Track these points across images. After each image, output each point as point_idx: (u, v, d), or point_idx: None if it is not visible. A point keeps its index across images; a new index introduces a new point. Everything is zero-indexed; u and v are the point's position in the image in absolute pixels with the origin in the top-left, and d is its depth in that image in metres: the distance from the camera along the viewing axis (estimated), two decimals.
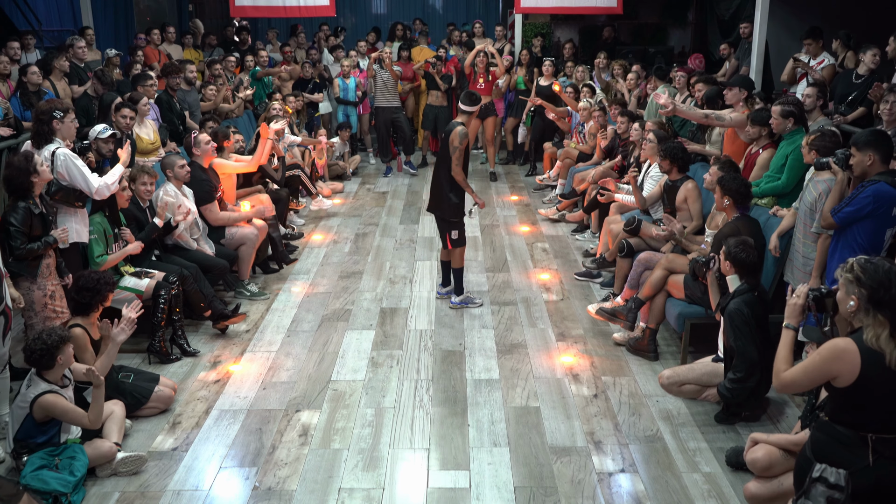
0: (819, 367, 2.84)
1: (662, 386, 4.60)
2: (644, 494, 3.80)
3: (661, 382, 4.61)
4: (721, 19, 11.66)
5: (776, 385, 3.02)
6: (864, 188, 4.04)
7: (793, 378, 2.93)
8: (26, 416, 3.79)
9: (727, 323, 4.16)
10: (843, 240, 4.19)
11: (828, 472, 2.84)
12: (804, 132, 5.39)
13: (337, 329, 5.69)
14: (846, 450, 2.85)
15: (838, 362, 2.79)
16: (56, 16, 11.85)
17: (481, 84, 9.65)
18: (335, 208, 8.87)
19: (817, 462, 2.88)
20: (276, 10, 10.43)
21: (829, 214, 4.17)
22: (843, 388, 2.80)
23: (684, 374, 4.55)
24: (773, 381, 3.04)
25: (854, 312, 2.83)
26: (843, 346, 2.79)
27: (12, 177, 4.44)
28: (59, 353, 3.77)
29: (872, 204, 4.01)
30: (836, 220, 4.14)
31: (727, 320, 4.16)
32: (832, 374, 2.81)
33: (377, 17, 15.41)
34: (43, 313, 4.50)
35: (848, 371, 2.77)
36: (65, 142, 4.92)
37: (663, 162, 5.80)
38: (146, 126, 6.85)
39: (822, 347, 2.85)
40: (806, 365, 2.90)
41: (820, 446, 2.93)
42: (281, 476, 3.96)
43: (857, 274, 2.81)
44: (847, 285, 2.85)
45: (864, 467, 2.81)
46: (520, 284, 6.51)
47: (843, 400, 2.85)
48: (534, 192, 9.48)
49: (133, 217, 5.47)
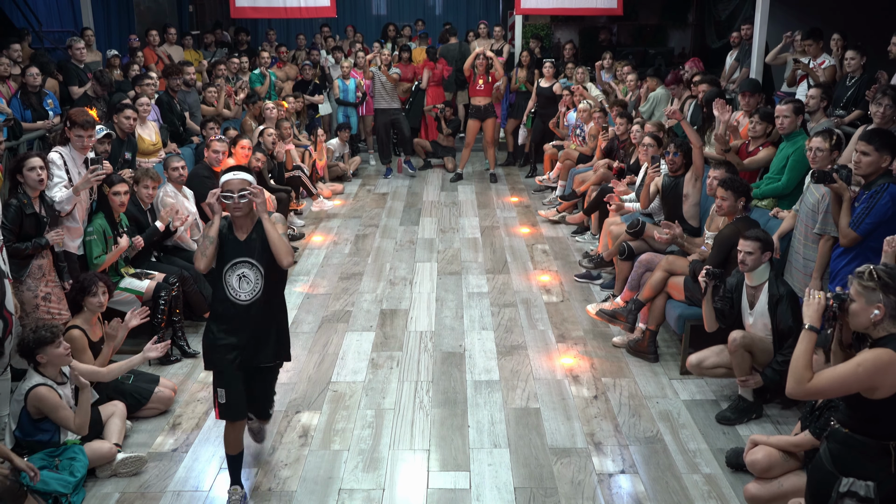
0: (860, 377, 2.66)
1: (690, 368, 4.62)
2: (644, 495, 3.80)
3: (688, 366, 4.63)
4: (717, 20, 11.66)
5: (796, 392, 2.81)
6: (878, 195, 3.98)
7: (821, 387, 2.75)
8: (22, 410, 3.80)
9: (783, 305, 4.17)
10: (859, 246, 4.10)
11: (857, 485, 2.73)
12: (805, 134, 5.40)
13: (337, 330, 5.69)
14: (868, 460, 2.76)
15: (884, 375, 2.64)
16: (56, 16, 11.87)
17: (481, 86, 9.64)
18: (335, 209, 8.87)
19: (843, 476, 2.78)
20: (277, 11, 10.45)
21: (850, 230, 4.05)
22: (876, 400, 2.68)
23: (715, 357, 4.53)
24: (789, 388, 2.83)
25: (878, 321, 2.71)
26: (888, 358, 2.63)
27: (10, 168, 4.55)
28: (50, 344, 3.76)
29: (894, 208, 3.97)
30: (859, 234, 4.04)
31: (783, 302, 4.18)
32: (873, 385, 2.67)
33: (377, 18, 15.42)
34: (35, 314, 4.48)
35: (890, 384, 2.65)
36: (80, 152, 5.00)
37: (676, 159, 5.75)
38: (147, 127, 6.87)
39: (863, 358, 2.68)
40: (840, 374, 2.72)
41: (843, 460, 2.82)
42: (281, 477, 3.96)
43: (886, 281, 2.68)
44: (868, 294, 2.72)
45: (886, 477, 2.74)
46: (520, 286, 6.51)
47: (873, 411, 2.72)
48: (534, 193, 9.49)
49: (134, 219, 5.47)
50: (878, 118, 4.97)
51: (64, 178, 4.83)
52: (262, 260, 3.54)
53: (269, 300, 3.63)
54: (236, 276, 3.54)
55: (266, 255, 3.53)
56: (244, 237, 3.56)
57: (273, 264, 3.54)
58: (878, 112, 4.96)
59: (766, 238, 4.30)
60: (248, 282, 3.54)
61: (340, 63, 10.55)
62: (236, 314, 3.57)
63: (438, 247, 7.52)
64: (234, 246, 3.56)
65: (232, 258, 3.55)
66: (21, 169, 4.47)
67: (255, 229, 3.56)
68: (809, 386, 2.77)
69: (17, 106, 6.85)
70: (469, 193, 9.52)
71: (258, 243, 3.54)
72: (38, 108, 6.92)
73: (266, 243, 3.51)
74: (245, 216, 3.54)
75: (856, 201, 4.11)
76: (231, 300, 3.56)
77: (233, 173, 3.54)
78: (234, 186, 3.48)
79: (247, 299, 3.55)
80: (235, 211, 3.49)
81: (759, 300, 4.30)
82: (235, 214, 3.51)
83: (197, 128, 7.97)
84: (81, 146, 4.98)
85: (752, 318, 4.35)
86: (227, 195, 3.46)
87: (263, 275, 3.55)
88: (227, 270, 3.54)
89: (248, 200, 3.49)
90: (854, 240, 4.08)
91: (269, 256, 3.52)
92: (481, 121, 9.80)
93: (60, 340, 3.82)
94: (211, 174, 6.25)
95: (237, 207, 3.47)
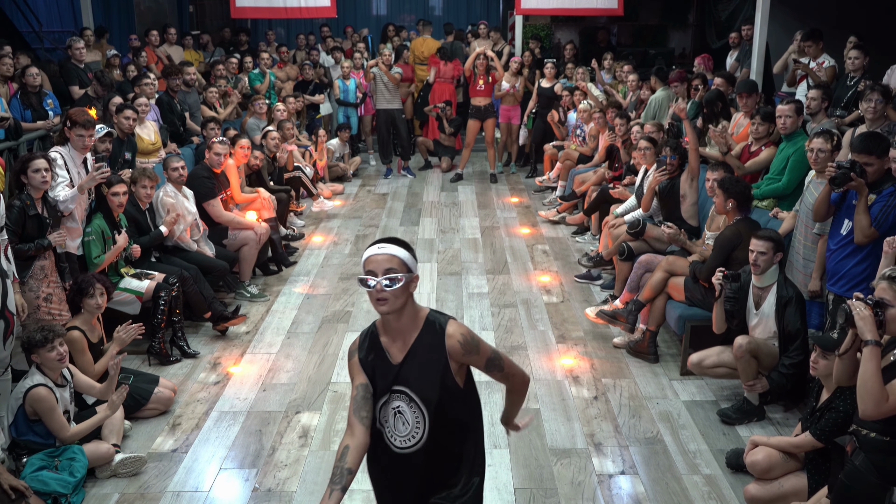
0: None
1: (691, 367, 4.62)
2: (644, 496, 3.79)
3: (689, 365, 4.63)
4: (718, 20, 11.66)
5: (876, 413, 2.70)
6: (894, 196, 3.96)
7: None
8: (19, 409, 3.79)
9: (792, 308, 4.17)
10: (872, 245, 4.06)
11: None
12: (805, 134, 5.40)
13: (337, 331, 5.68)
14: None
15: None
16: (56, 17, 11.87)
17: (481, 86, 9.65)
18: (335, 210, 8.87)
19: (894, 486, 2.73)
20: (277, 12, 10.45)
21: (872, 229, 3.97)
22: None
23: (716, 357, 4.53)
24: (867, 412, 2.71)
25: None
26: None
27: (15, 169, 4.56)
28: (41, 347, 3.75)
29: None
30: (880, 232, 3.98)
31: (791, 304, 4.17)
32: None
33: (377, 18, 15.42)
34: (36, 315, 4.49)
35: None
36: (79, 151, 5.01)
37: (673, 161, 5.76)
38: (147, 127, 6.87)
39: None
40: None
41: (888, 469, 2.77)
42: (281, 477, 3.96)
43: None
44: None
45: None
46: (520, 286, 6.51)
47: None
48: (534, 193, 9.48)
49: (132, 219, 5.46)
50: (870, 114, 4.98)
51: (66, 177, 4.84)
52: (423, 391, 2.36)
53: (446, 446, 2.45)
54: (391, 410, 2.42)
55: (429, 381, 2.35)
56: (399, 353, 2.39)
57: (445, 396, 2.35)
58: (870, 108, 4.97)
59: (779, 238, 4.29)
60: (406, 423, 2.40)
61: (340, 63, 10.55)
62: (391, 463, 2.49)
63: (438, 247, 7.52)
64: (385, 370, 2.41)
65: (383, 390, 2.42)
66: (25, 170, 4.47)
67: (419, 339, 2.37)
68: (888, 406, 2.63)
69: (17, 106, 6.84)
70: (469, 194, 9.52)
71: (418, 363, 2.36)
72: (38, 108, 6.91)
73: (430, 362, 2.34)
74: (397, 315, 2.34)
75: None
76: (386, 442, 2.46)
77: (378, 246, 2.32)
78: (377, 265, 2.29)
79: (403, 446, 2.43)
80: (379, 305, 2.30)
81: (766, 301, 4.29)
82: (380, 310, 2.31)
83: (197, 128, 7.97)
84: (82, 146, 4.98)
85: (756, 318, 4.34)
86: (366, 277, 2.29)
87: (426, 414, 2.37)
88: (381, 403, 2.43)
89: (401, 287, 2.29)
90: (872, 237, 4.02)
91: (432, 382, 2.35)
92: (481, 121, 9.80)
93: (54, 345, 3.77)
94: (211, 175, 6.24)
95: (381, 299, 2.28)
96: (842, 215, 4.20)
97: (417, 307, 2.39)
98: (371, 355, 2.42)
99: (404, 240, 2.40)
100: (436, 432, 2.38)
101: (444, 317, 2.40)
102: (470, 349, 2.36)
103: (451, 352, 2.34)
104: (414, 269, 2.34)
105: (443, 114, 10.19)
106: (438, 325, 2.36)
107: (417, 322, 2.38)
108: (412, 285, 2.34)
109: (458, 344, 2.34)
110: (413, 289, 2.35)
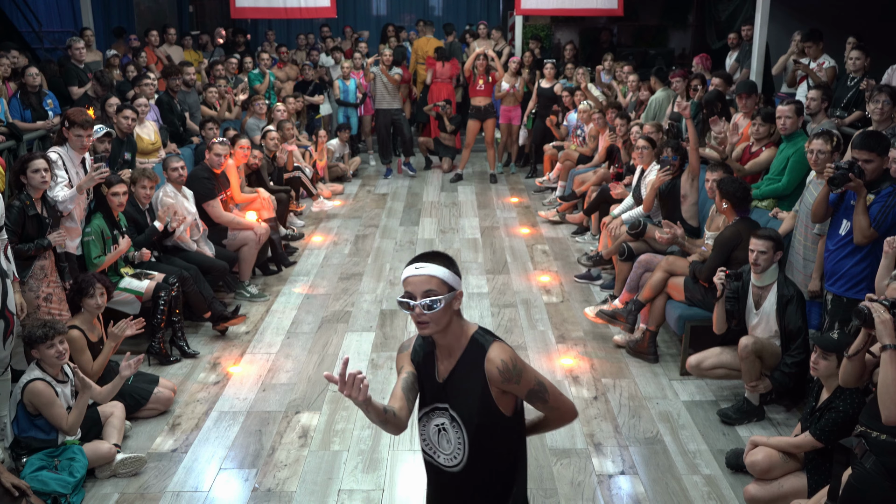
0: None
1: (689, 370, 4.62)
2: (644, 496, 3.79)
3: (687, 367, 4.63)
4: (718, 21, 11.66)
5: (895, 418, 2.71)
6: (894, 194, 3.95)
7: None
8: (18, 404, 3.79)
9: (793, 306, 4.16)
10: (871, 246, 4.05)
11: None
12: (805, 134, 5.40)
13: (337, 331, 5.68)
14: None
15: None
16: (56, 17, 11.88)
17: (481, 86, 9.65)
18: (335, 210, 8.87)
19: None
20: (277, 12, 10.46)
21: (872, 230, 3.96)
22: None
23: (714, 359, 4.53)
24: (886, 416, 2.71)
25: None
26: None
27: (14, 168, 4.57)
28: (41, 343, 3.75)
29: None
30: (880, 232, 3.97)
31: (793, 303, 4.16)
32: None
33: (377, 18, 15.42)
34: (36, 315, 4.48)
35: None
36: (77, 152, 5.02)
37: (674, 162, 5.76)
38: (146, 127, 6.88)
39: None
40: None
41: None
42: (280, 477, 3.96)
43: None
44: None
45: None
46: (520, 286, 6.51)
47: None
48: (534, 193, 9.48)
49: (132, 219, 5.47)
50: (877, 115, 4.98)
51: (65, 177, 4.84)
52: (463, 412, 2.26)
53: (487, 471, 2.32)
54: (434, 426, 2.34)
55: (470, 404, 2.24)
56: (444, 370, 2.29)
57: (487, 420, 2.24)
58: (877, 109, 4.96)
59: (778, 237, 4.29)
60: (449, 442, 2.31)
61: (340, 63, 10.56)
62: (436, 478, 2.41)
63: (438, 247, 7.52)
64: (430, 384, 2.33)
65: (425, 403, 2.35)
66: (25, 170, 4.47)
67: (462, 359, 2.25)
68: None
69: (17, 106, 6.84)
70: (469, 194, 9.52)
71: (460, 383, 2.25)
72: (37, 108, 6.92)
73: (471, 384, 2.22)
74: (442, 333, 2.23)
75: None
76: (429, 458, 2.40)
77: (415, 266, 2.21)
78: (415, 287, 2.19)
79: (447, 465, 2.33)
80: (421, 328, 2.21)
81: (766, 300, 4.29)
82: (422, 333, 2.24)
83: (197, 128, 7.98)
84: (80, 146, 4.98)
85: (756, 318, 4.34)
86: (405, 300, 2.20)
87: (466, 435, 2.27)
88: (423, 416, 2.37)
89: (442, 310, 2.18)
90: (872, 237, 4.01)
91: (473, 405, 2.24)
92: (481, 121, 9.80)
93: (54, 343, 3.77)
94: (211, 175, 6.24)
95: (422, 322, 2.19)
96: (840, 216, 4.20)
97: (464, 325, 2.27)
98: (423, 362, 2.34)
99: (445, 253, 2.25)
100: (476, 455, 2.27)
101: (490, 338, 2.25)
102: (509, 377, 2.20)
103: (490, 377, 2.20)
104: (457, 286, 2.21)
105: (443, 112, 10.18)
106: (481, 348, 2.23)
107: (462, 340, 2.26)
108: (455, 303, 2.22)
109: (497, 370, 2.19)
110: (457, 306, 2.23)
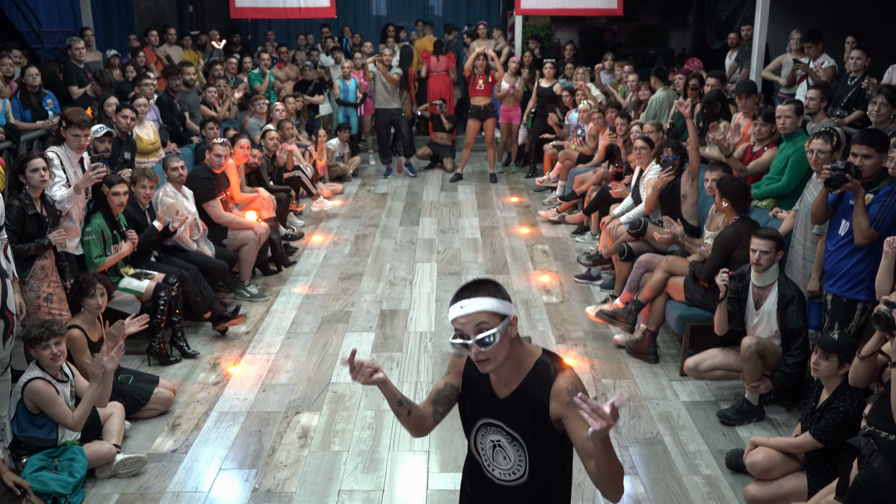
0: None
1: (687, 372, 4.62)
2: (644, 497, 3.79)
3: (686, 369, 4.63)
4: (718, 20, 11.66)
5: None
6: (892, 194, 3.94)
7: None
8: (18, 404, 3.79)
9: (794, 306, 4.16)
10: (870, 246, 4.04)
11: None
12: (805, 134, 5.40)
13: (337, 331, 5.68)
14: None
15: None
16: (56, 17, 11.87)
17: (481, 85, 9.65)
18: (335, 209, 8.87)
19: None
20: (277, 12, 10.46)
21: (872, 230, 3.94)
22: None
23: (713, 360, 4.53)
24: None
25: None
26: None
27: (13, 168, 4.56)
28: (37, 344, 3.74)
29: None
30: (880, 232, 3.95)
31: (794, 303, 4.16)
32: None
33: (377, 18, 15.41)
34: (36, 314, 4.48)
35: None
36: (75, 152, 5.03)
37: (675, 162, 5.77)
38: (146, 127, 6.87)
39: None
40: None
41: None
42: (280, 478, 3.96)
43: None
44: None
45: None
46: (520, 286, 6.51)
47: None
48: (534, 193, 9.48)
49: (132, 219, 5.46)
50: (875, 116, 5.00)
51: (62, 177, 4.84)
52: (524, 431, 2.22)
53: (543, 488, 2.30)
54: (490, 442, 2.30)
55: (530, 423, 2.19)
56: (504, 389, 2.23)
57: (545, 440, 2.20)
58: (874, 111, 4.99)
59: (780, 237, 4.29)
60: (507, 458, 2.28)
61: (341, 63, 10.56)
62: (491, 490, 2.36)
63: (438, 247, 7.52)
64: (484, 397, 2.28)
65: (478, 416, 2.31)
66: (24, 170, 4.48)
67: (527, 380, 2.19)
68: None
69: (17, 106, 6.85)
70: (469, 193, 9.52)
71: (521, 403, 2.20)
72: (37, 108, 6.92)
73: (534, 405, 2.16)
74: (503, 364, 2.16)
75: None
76: (482, 470, 2.36)
77: (459, 305, 2.11)
78: (465, 327, 2.10)
79: (505, 479, 2.31)
80: (483, 366, 2.14)
81: (767, 300, 4.29)
82: (485, 370, 2.16)
83: (197, 128, 7.97)
84: (78, 145, 4.98)
85: (756, 318, 4.34)
86: (458, 342, 2.13)
87: (528, 452, 2.24)
88: (476, 429, 2.33)
89: (499, 343, 2.09)
90: (872, 238, 3.99)
91: (534, 424, 2.18)
92: (481, 121, 9.80)
93: (48, 344, 3.74)
94: (211, 176, 6.24)
95: (482, 360, 2.11)
96: (839, 216, 4.20)
97: (526, 348, 2.20)
98: (476, 375, 2.26)
99: (488, 279, 2.16)
100: (536, 472, 2.25)
101: (558, 364, 2.19)
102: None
103: (555, 398, 2.14)
104: (508, 312, 2.09)
105: (440, 111, 10.17)
106: (550, 371, 2.16)
107: (525, 366, 2.18)
108: (511, 331, 2.11)
109: (567, 392, 2.11)
110: (514, 333, 2.13)
